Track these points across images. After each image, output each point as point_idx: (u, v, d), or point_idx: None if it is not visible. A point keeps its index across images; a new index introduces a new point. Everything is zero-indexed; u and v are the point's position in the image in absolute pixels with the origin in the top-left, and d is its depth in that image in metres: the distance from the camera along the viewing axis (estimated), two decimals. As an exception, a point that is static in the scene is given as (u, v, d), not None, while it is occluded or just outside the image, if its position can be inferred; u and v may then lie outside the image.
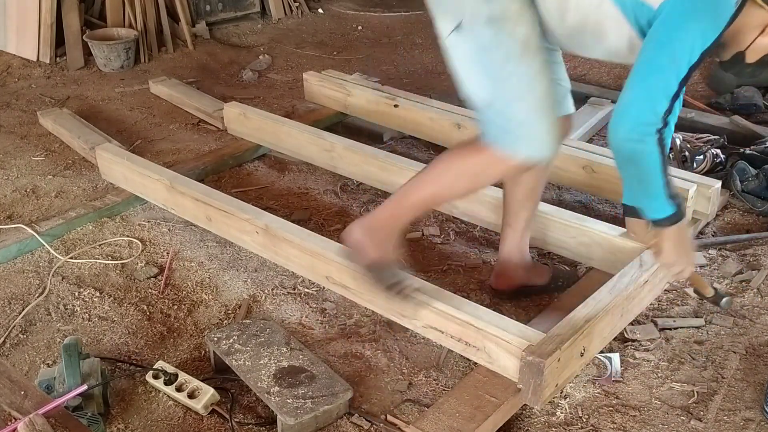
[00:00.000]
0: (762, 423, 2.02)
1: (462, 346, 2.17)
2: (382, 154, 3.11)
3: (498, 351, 2.07)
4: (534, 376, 1.97)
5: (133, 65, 4.72)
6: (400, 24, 5.68)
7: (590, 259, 2.60)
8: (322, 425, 2.02)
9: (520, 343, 2.01)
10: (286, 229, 2.58)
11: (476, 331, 2.11)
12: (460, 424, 1.95)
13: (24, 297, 2.58)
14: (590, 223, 2.59)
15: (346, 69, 4.47)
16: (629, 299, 2.26)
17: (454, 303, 2.19)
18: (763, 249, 2.74)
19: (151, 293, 2.60)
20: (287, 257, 2.59)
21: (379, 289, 2.20)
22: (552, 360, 1.96)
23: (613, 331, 2.27)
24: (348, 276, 2.39)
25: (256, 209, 2.73)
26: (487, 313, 2.15)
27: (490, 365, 2.11)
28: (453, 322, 2.16)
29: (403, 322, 2.32)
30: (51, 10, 4.58)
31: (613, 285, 2.25)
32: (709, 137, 3.39)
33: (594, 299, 2.18)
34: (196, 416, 2.08)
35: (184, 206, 2.91)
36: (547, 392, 2.01)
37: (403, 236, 2.89)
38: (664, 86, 1.88)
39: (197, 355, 2.32)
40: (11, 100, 4.24)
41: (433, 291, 2.24)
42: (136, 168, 3.04)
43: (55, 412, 1.87)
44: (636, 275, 2.29)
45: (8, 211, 3.09)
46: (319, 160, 3.31)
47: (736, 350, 2.28)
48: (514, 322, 2.11)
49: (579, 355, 2.10)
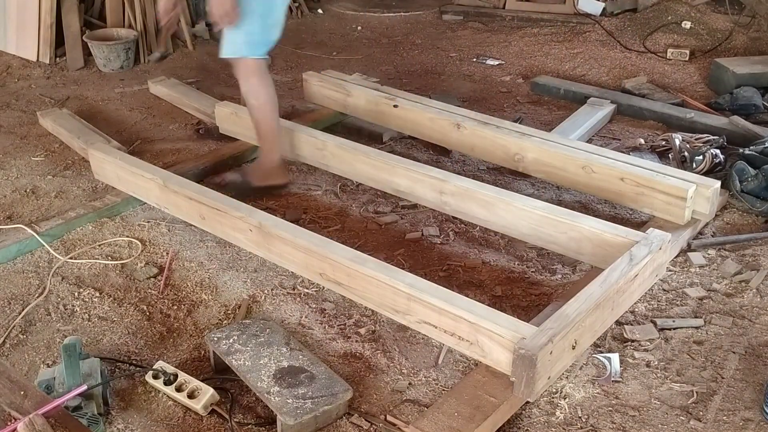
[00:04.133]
0: (761, 423, 2.02)
1: (455, 340, 2.20)
2: (374, 152, 3.14)
3: (491, 345, 2.10)
4: (527, 368, 2.00)
5: (132, 65, 4.73)
6: (399, 24, 5.68)
7: (580, 254, 2.63)
8: (321, 425, 2.02)
9: (513, 336, 2.05)
10: (279, 227, 2.60)
11: (469, 325, 2.14)
12: (460, 424, 1.96)
13: (24, 297, 2.58)
14: (580, 219, 2.63)
15: (346, 69, 4.47)
16: (619, 293, 2.31)
17: (447, 297, 2.22)
18: (762, 249, 2.75)
19: (151, 293, 2.60)
20: (280, 254, 2.62)
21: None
22: (544, 353, 1.99)
23: (604, 325, 2.31)
24: (342, 273, 2.42)
25: (249, 207, 2.75)
26: (479, 307, 2.18)
27: (483, 359, 2.14)
28: (446, 316, 2.19)
29: (397, 318, 2.35)
30: (51, 10, 4.58)
31: (604, 279, 2.29)
32: (708, 137, 3.40)
33: (585, 293, 2.22)
34: (196, 416, 2.08)
35: (178, 205, 2.93)
36: (539, 384, 2.04)
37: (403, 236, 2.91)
38: None
39: (197, 355, 2.32)
40: (11, 101, 4.25)
41: (426, 286, 2.27)
42: (129, 167, 3.06)
43: (54, 412, 1.87)
44: (626, 269, 2.33)
45: (8, 212, 3.09)
46: (311, 159, 3.34)
47: (736, 350, 2.28)
48: (506, 316, 2.15)
49: (571, 348, 2.14)
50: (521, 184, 3.25)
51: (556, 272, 2.68)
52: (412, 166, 3.00)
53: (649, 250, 2.42)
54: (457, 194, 2.87)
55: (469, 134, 3.29)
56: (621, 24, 5.16)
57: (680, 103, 3.97)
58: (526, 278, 2.67)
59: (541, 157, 3.08)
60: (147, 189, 3.02)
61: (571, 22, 5.33)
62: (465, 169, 3.39)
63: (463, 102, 4.10)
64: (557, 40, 5.10)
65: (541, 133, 3.22)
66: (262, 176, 3.17)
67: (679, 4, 5.08)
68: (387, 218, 3.03)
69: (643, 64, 4.60)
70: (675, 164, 3.24)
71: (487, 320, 2.11)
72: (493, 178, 3.29)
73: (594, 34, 5.12)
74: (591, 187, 3.00)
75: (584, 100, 3.97)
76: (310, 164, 3.37)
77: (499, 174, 3.34)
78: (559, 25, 5.34)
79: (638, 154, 3.30)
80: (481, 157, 3.34)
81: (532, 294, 2.58)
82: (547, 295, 2.56)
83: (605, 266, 2.38)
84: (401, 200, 3.11)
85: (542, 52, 4.91)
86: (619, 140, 3.64)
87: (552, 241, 2.68)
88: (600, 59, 4.71)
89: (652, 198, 2.83)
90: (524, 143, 3.13)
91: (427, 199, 2.98)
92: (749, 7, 4.90)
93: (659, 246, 2.45)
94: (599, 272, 2.54)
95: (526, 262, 2.75)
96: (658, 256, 2.46)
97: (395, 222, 3.01)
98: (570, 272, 2.68)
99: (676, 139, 3.36)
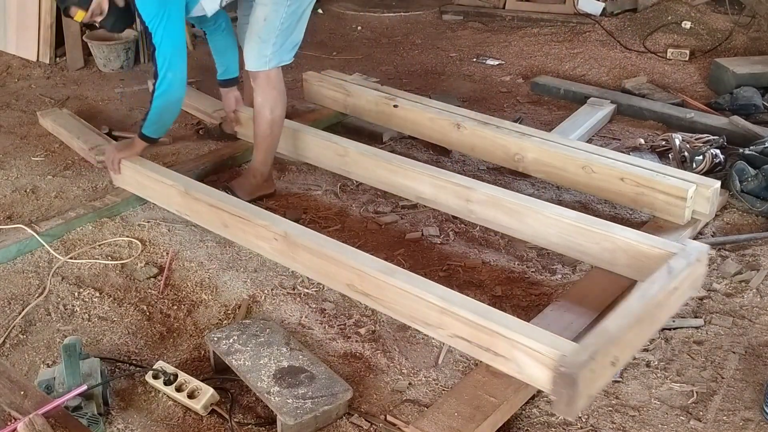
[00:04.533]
0: (761, 423, 2.02)
1: (490, 355, 2.10)
2: (396, 159, 3.05)
3: (528, 361, 2.00)
4: (568, 387, 1.89)
5: (132, 65, 4.73)
6: (399, 24, 5.68)
7: (614, 265, 2.53)
8: (321, 425, 2.02)
9: (552, 353, 1.94)
10: (305, 236, 2.52)
11: (505, 340, 2.04)
12: (460, 424, 1.95)
13: (24, 297, 2.58)
14: (614, 229, 2.54)
15: (346, 69, 4.47)
16: (659, 307, 2.19)
17: (481, 311, 2.12)
18: (762, 249, 2.75)
19: (151, 293, 2.60)
20: (306, 264, 2.53)
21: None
22: (586, 371, 1.89)
23: (642, 339, 2.21)
24: (371, 284, 2.33)
25: (273, 215, 2.68)
26: (515, 322, 2.08)
27: (519, 375, 2.05)
28: (481, 331, 2.09)
29: (427, 330, 2.27)
30: (51, 10, 4.58)
31: (643, 292, 2.18)
32: (708, 137, 3.40)
33: (624, 308, 2.11)
34: (196, 416, 2.08)
35: (199, 212, 2.85)
36: (580, 403, 1.93)
37: (403, 236, 2.90)
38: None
39: (197, 355, 2.32)
40: (11, 101, 4.25)
41: (459, 300, 2.17)
42: (149, 173, 2.98)
43: (54, 412, 1.87)
44: (665, 282, 2.22)
45: (8, 212, 3.09)
46: (330, 165, 3.26)
47: (736, 350, 2.28)
48: (543, 331, 2.05)
49: (610, 364, 2.03)
50: (521, 184, 3.25)
51: (556, 272, 2.68)
52: (437, 173, 2.91)
53: (687, 262, 2.31)
54: (483, 202, 2.77)
55: (469, 134, 3.29)
56: (621, 24, 5.16)
57: (680, 103, 3.97)
58: (526, 278, 2.67)
59: (541, 157, 3.08)
60: (168, 196, 2.94)
61: (571, 22, 5.33)
62: (465, 169, 3.38)
63: (463, 102, 4.10)
64: (557, 40, 5.10)
65: (541, 133, 3.22)
66: (251, 190, 3.12)
67: (679, 4, 5.08)
68: (387, 218, 3.03)
69: (643, 64, 4.60)
70: (675, 164, 3.24)
71: (525, 335, 2.01)
72: (493, 178, 3.29)
73: (594, 34, 5.11)
74: (591, 187, 3.00)
75: (584, 100, 3.97)
76: (332, 171, 3.29)
77: (499, 174, 3.34)
78: (559, 25, 5.34)
79: (638, 154, 3.30)
80: (481, 157, 3.34)
81: (532, 294, 2.58)
82: (547, 295, 2.56)
83: (640, 278, 2.32)
84: (401, 200, 3.11)
85: (542, 52, 4.91)
86: (619, 140, 3.64)
87: (583, 251, 2.59)
88: (600, 59, 4.71)
89: (652, 198, 2.82)
90: (524, 143, 3.12)
91: (452, 207, 2.88)
92: (749, 7, 4.90)
93: (697, 258, 2.35)
94: (599, 270, 2.56)
95: (526, 262, 2.75)
96: (696, 267, 2.36)
97: (395, 222, 3.01)
98: (570, 272, 2.68)
99: (676, 139, 3.35)
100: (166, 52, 2.80)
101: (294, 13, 2.93)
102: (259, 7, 2.92)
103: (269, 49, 2.95)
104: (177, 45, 2.83)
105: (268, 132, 3.08)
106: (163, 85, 2.84)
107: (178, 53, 2.84)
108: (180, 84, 2.89)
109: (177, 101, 2.94)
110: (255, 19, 2.94)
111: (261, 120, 3.07)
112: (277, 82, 3.04)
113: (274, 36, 2.93)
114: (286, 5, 2.89)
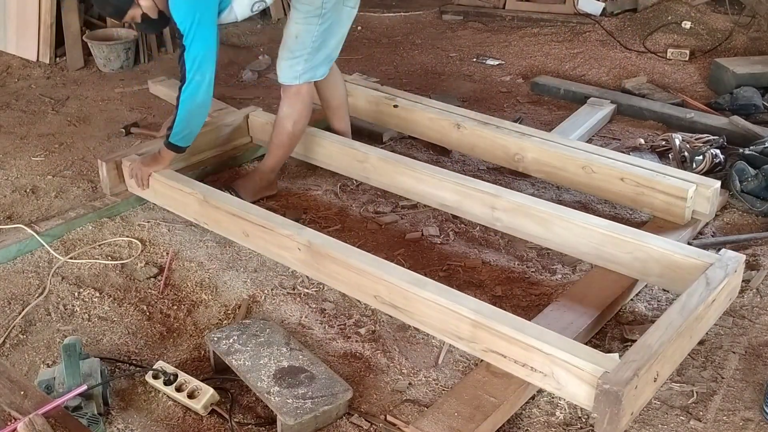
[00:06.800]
0: (761, 423, 2.02)
1: (527, 371, 2.04)
2: (419, 165, 2.99)
3: (568, 378, 1.95)
4: (611, 405, 1.85)
5: (132, 65, 4.73)
6: (399, 24, 5.68)
7: (646, 275, 2.48)
8: (321, 425, 2.02)
9: (594, 369, 1.90)
10: (330, 246, 2.47)
11: (543, 356, 1.98)
12: (460, 424, 1.95)
13: (24, 297, 2.58)
14: (647, 239, 2.48)
15: (346, 69, 4.46)
16: (698, 320, 2.15)
17: (517, 325, 2.06)
18: (763, 249, 2.75)
19: (151, 293, 2.60)
20: (330, 275, 2.48)
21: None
22: (630, 387, 1.85)
23: (682, 354, 2.16)
24: (399, 295, 2.28)
25: (295, 224, 2.62)
26: (554, 336, 2.02)
27: (558, 392, 2.01)
28: (517, 346, 2.03)
29: (460, 345, 2.20)
30: (51, 10, 4.58)
31: (682, 305, 2.13)
32: (708, 137, 3.40)
33: (665, 321, 2.07)
34: (196, 416, 2.08)
35: (219, 221, 2.79)
36: (624, 421, 1.89)
37: (403, 236, 2.90)
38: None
39: (197, 355, 2.32)
40: (11, 101, 4.25)
41: (494, 312, 2.12)
42: (166, 181, 2.92)
43: (54, 412, 1.87)
44: (704, 294, 2.18)
45: (8, 212, 3.09)
46: (349, 171, 3.20)
47: (736, 350, 2.28)
48: (582, 346, 2.01)
49: (653, 380, 1.99)
50: (521, 184, 3.25)
51: (556, 272, 2.68)
52: (462, 180, 2.85)
53: (725, 272, 2.27)
54: (510, 210, 2.71)
55: (469, 134, 3.29)
56: (621, 24, 5.16)
57: (680, 103, 3.97)
58: (526, 278, 2.67)
59: (541, 157, 3.08)
60: (185, 204, 2.88)
61: (571, 22, 5.33)
62: (465, 169, 3.38)
63: (463, 102, 4.10)
64: (557, 40, 5.10)
65: (541, 133, 3.22)
66: (255, 191, 3.12)
67: (679, 4, 5.08)
68: (387, 218, 3.03)
69: (643, 64, 4.60)
70: (675, 164, 3.24)
71: (564, 351, 1.95)
72: (493, 178, 3.28)
73: (594, 34, 5.11)
74: (591, 187, 3.00)
75: (584, 100, 3.97)
76: (350, 176, 3.25)
77: (499, 174, 3.34)
78: (559, 25, 5.34)
79: (638, 154, 3.30)
80: (481, 157, 3.34)
81: (532, 294, 2.58)
82: (547, 295, 2.56)
83: (674, 289, 2.28)
84: (401, 200, 3.11)
85: (542, 52, 4.91)
86: (619, 140, 3.64)
87: (614, 261, 2.52)
88: (600, 59, 4.71)
89: (652, 198, 2.82)
90: (524, 143, 3.12)
91: (476, 215, 2.82)
92: (749, 7, 4.90)
93: (734, 268, 2.31)
94: (599, 270, 2.56)
95: (526, 262, 2.75)
96: (733, 278, 2.32)
97: (395, 222, 3.01)
98: (570, 272, 2.68)
99: (676, 139, 3.36)
100: (197, 54, 2.71)
101: (327, 31, 2.93)
102: (292, 24, 2.93)
103: (300, 65, 2.96)
104: (208, 47, 2.75)
105: (286, 143, 3.09)
106: (189, 87, 2.75)
107: (209, 56, 2.75)
108: (207, 87, 2.79)
109: (203, 105, 2.83)
110: (288, 34, 2.96)
111: (281, 130, 3.06)
112: (307, 97, 3.04)
113: (306, 53, 2.94)
114: (318, 24, 2.89)
